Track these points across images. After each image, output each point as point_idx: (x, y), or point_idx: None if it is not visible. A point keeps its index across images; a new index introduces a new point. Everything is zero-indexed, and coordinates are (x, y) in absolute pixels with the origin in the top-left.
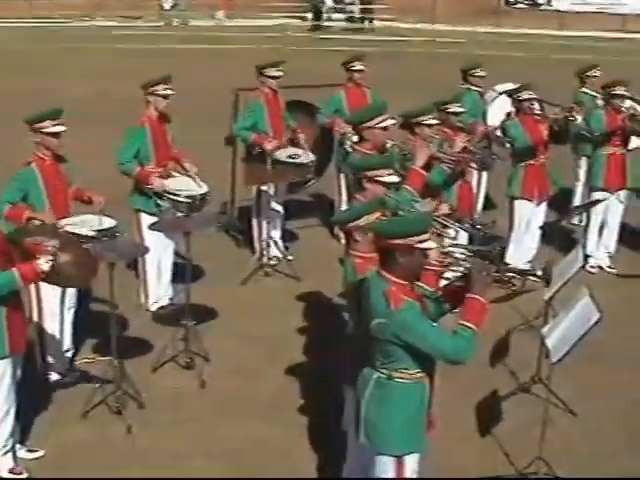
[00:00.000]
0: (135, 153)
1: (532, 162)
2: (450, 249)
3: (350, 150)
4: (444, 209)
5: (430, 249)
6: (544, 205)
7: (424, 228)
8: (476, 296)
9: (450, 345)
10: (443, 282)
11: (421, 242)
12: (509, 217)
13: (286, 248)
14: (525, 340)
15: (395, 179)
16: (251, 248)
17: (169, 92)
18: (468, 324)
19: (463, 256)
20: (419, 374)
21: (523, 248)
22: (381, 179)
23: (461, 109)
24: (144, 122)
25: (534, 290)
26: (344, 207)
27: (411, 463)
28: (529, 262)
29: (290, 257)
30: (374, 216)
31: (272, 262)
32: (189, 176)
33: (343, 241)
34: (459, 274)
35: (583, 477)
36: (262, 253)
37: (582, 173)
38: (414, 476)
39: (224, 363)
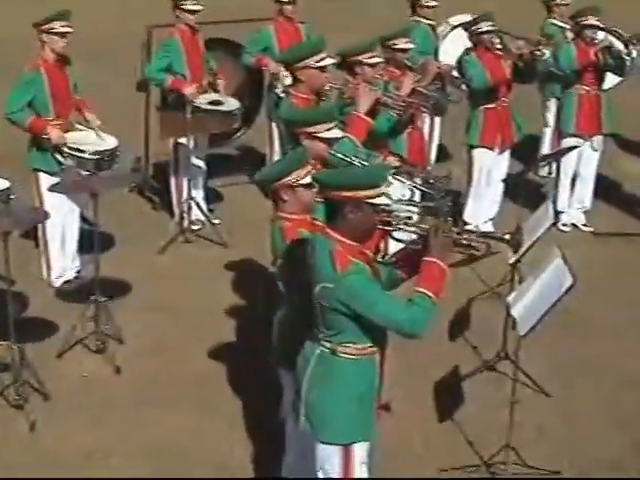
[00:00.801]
0: (28, 102)
1: (493, 105)
2: (395, 206)
3: (282, 95)
4: (392, 161)
5: (383, 206)
6: (507, 154)
7: (377, 181)
8: (434, 259)
9: (405, 315)
10: (395, 245)
11: (372, 197)
12: (467, 169)
13: (210, 210)
14: (489, 310)
15: (338, 134)
16: (169, 211)
17: (68, 30)
18: (426, 291)
19: (412, 214)
20: (368, 349)
21: (484, 204)
22: (321, 135)
23: (409, 45)
24: (38, 66)
25: (498, 252)
26: (275, 159)
27: (359, 452)
28: (491, 220)
29: (215, 221)
30: (305, 170)
31: (194, 227)
32: (92, 129)
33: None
34: (415, 236)
35: (557, 470)
36: (182, 216)
37: (551, 117)
38: (363, 468)
39: (141, 344)
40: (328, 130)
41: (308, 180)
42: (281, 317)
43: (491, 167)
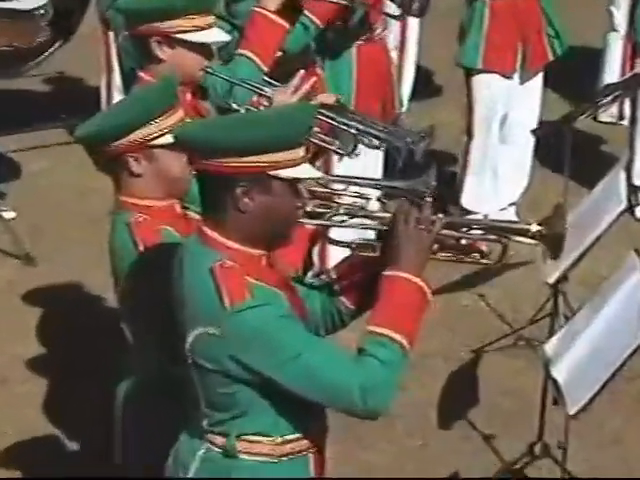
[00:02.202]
0: None
1: None
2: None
3: None
4: (325, 99)
5: (310, 183)
6: (536, 84)
7: (295, 137)
8: (403, 274)
9: (352, 379)
10: (336, 253)
11: (286, 166)
12: (466, 114)
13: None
14: (511, 369)
15: (221, 36)
16: None
17: None
18: (390, 333)
19: (365, 199)
20: (293, 443)
21: (499, 177)
22: (188, 37)
23: None
24: None
25: (526, 263)
26: (118, 98)
27: None
28: (512, 205)
29: (7, 214)
30: (173, 117)
31: None
32: None
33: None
34: (369, 235)
35: None
36: None
37: (621, 15)
38: None
39: None
40: (203, 28)
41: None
42: (129, 390)
43: (508, 109)
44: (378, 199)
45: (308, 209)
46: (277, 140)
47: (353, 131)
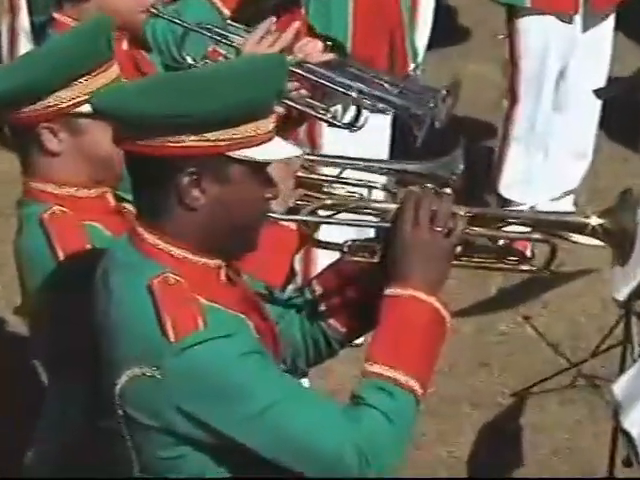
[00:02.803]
0: None
1: None
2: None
3: None
4: (311, 48)
5: (284, 163)
6: (605, 28)
7: (262, 101)
8: (412, 292)
9: (345, 438)
10: (324, 258)
11: (247, 143)
12: (509, 68)
13: None
14: (565, 416)
15: None
16: None
17: None
18: (393, 373)
19: (361, 185)
20: None
21: (551, 154)
22: None
23: None
24: None
25: (587, 273)
26: (25, 49)
27: None
28: (569, 194)
29: None
30: (104, 78)
31: None
32: None
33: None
34: (368, 235)
35: None
36: None
37: None
38: None
39: None
40: None
41: None
42: (39, 457)
43: (565, 64)
44: (385, 188)
45: (286, 202)
46: (238, 108)
47: (353, 93)
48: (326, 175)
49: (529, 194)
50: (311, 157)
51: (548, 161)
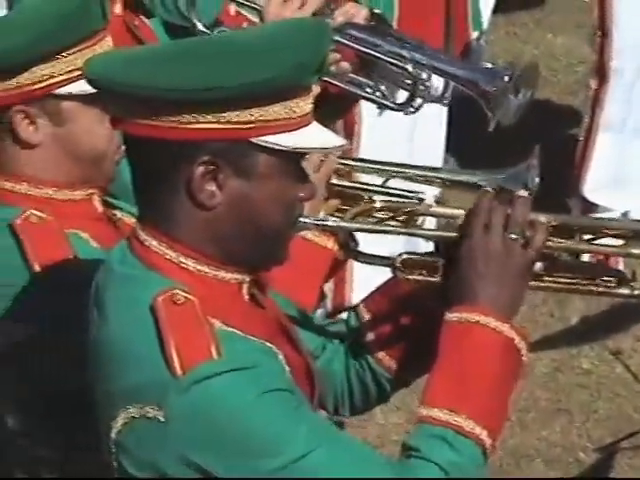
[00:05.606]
0: None
1: None
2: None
3: None
4: (353, 12)
5: (323, 153)
6: None
7: (298, 76)
8: (480, 317)
9: None
10: (367, 276)
11: (278, 128)
12: (598, 40)
13: None
14: None
15: None
16: None
17: None
18: (455, 419)
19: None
20: None
21: None
22: None
23: None
24: None
25: None
26: None
27: None
28: None
29: None
30: (95, 50)
31: None
32: None
33: None
34: (427, 247)
35: None
36: None
37: None
38: None
39: None
40: None
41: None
42: None
43: None
44: (438, 201)
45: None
46: (266, 83)
47: (408, 65)
48: (366, 184)
49: (621, 198)
50: (348, 162)
51: None
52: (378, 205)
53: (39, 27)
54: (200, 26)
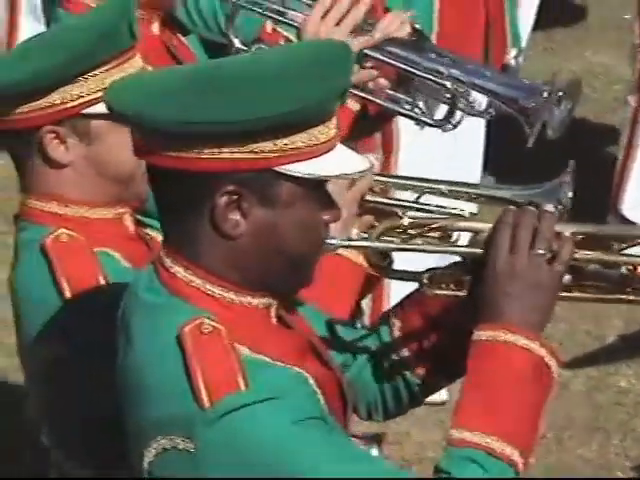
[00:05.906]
0: None
1: None
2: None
3: None
4: (391, 26)
5: (352, 181)
6: None
7: (324, 101)
8: (507, 335)
9: None
10: (399, 291)
11: (303, 155)
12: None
13: None
14: None
15: None
16: None
17: None
18: (486, 440)
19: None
20: None
21: None
22: None
23: None
24: None
25: None
26: (28, 31)
27: None
28: None
29: None
30: (126, 70)
31: None
32: None
33: None
34: (456, 263)
35: None
36: None
37: None
38: None
39: None
40: None
41: None
42: None
43: None
44: (473, 215)
45: (348, 231)
46: (291, 114)
47: (448, 83)
48: (400, 200)
49: None
50: (382, 179)
51: None
52: (406, 222)
53: (74, 48)
54: (237, 43)
